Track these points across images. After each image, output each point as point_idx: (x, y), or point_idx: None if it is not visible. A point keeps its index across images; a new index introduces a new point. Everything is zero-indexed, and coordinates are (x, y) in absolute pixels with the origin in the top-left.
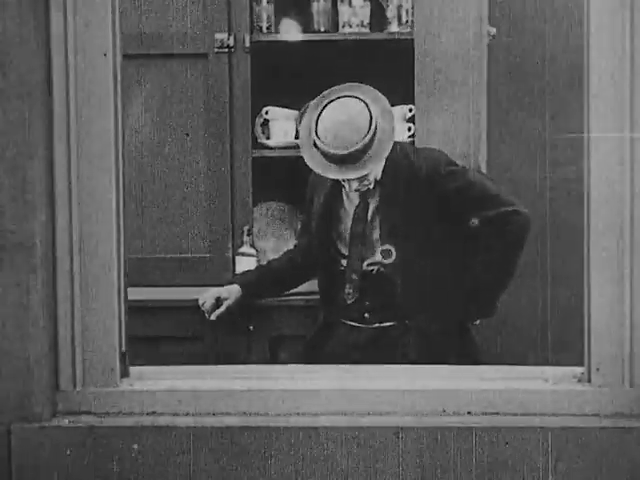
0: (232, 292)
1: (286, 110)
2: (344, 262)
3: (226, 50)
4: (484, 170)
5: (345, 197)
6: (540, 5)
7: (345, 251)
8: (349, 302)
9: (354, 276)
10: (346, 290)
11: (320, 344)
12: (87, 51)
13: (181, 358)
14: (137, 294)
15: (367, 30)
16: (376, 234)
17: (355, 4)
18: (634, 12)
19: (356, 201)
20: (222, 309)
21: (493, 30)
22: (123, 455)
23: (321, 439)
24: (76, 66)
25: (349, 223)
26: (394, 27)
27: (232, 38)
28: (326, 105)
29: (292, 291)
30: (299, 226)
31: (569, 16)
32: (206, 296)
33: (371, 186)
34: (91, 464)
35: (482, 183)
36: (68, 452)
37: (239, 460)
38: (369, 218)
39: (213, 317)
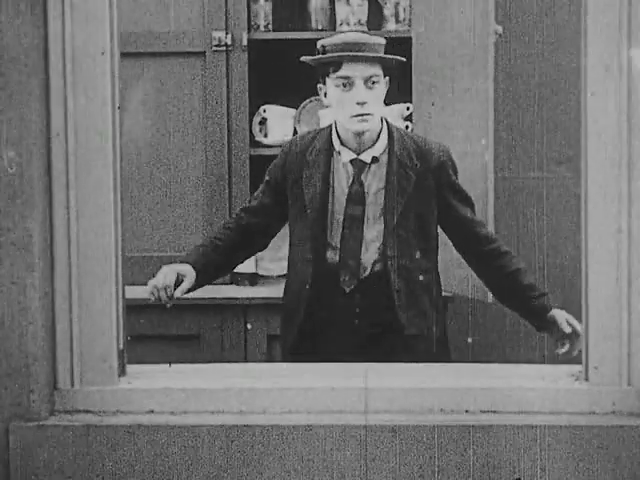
0: (189, 273)
1: (284, 108)
2: (332, 254)
3: (224, 48)
4: (491, 168)
5: (335, 174)
6: (549, 2)
7: (335, 241)
8: (347, 290)
9: (351, 262)
10: (341, 277)
11: (303, 351)
12: (85, 50)
13: (179, 357)
14: (135, 293)
15: (365, 28)
16: (373, 219)
17: (353, 2)
18: (631, 10)
19: (348, 180)
20: (186, 285)
21: (500, 29)
22: (121, 453)
23: (318, 437)
24: (74, 65)
25: (340, 206)
26: (391, 25)
27: (230, 36)
28: None
29: None
30: (254, 197)
31: (578, 14)
32: (166, 271)
33: (369, 127)
34: (89, 462)
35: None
36: (66, 450)
37: (237, 458)
38: (367, 200)
39: (179, 294)
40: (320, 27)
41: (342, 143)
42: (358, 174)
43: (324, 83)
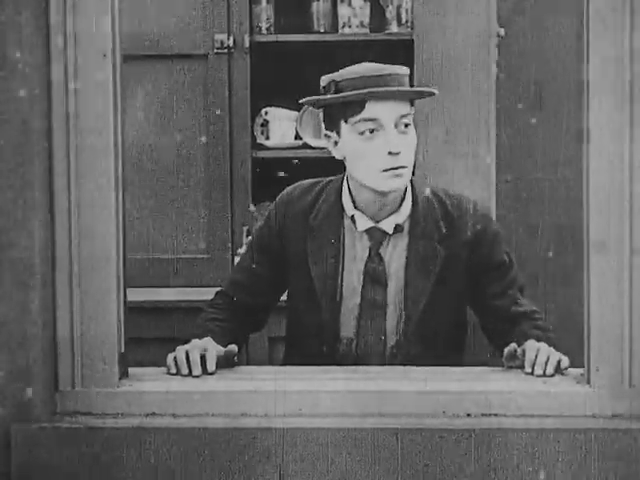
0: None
1: (286, 111)
2: (346, 349)
3: (226, 51)
4: (493, 171)
5: (346, 246)
6: (550, 4)
7: (348, 333)
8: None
9: (373, 360)
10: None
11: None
12: (87, 52)
13: None
14: (136, 295)
15: (367, 31)
16: (394, 305)
17: (355, 5)
18: (634, 11)
19: (363, 254)
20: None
21: (502, 31)
22: (122, 456)
23: (320, 440)
24: (76, 67)
25: (353, 288)
26: (394, 28)
27: (232, 39)
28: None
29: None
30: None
31: (580, 15)
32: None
33: (404, 184)
34: (90, 465)
35: (517, 285)
36: (67, 453)
37: (239, 461)
38: (387, 280)
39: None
40: (322, 29)
41: (356, 206)
42: (376, 247)
43: (337, 130)
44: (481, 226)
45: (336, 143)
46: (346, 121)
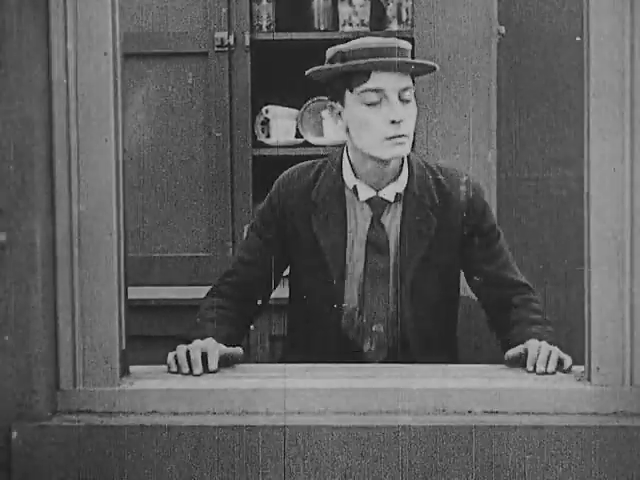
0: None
1: (286, 109)
2: (348, 319)
3: (226, 49)
4: (494, 169)
5: (350, 217)
6: (552, 2)
7: (351, 300)
8: (370, 354)
9: (377, 328)
10: (366, 347)
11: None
12: (87, 50)
13: None
14: (137, 293)
15: (367, 29)
16: (396, 271)
17: (355, 3)
18: (634, 11)
19: (365, 223)
20: (216, 355)
21: (502, 29)
22: (123, 454)
23: (321, 438)
24: (76, 65)
25: (356, 257)
26: (394, 26)
27: (232, 37)
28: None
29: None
30: (244, 246)
31: (581, 14)
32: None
33: (406, 152)
34: (91, 463)
35: (507, 254)
36: (68, 451)
37: (240, 459)
38: (391, 248)
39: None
40: (323, 28)
41: (357, 176)
42: (378, 216)
43: (341, 101)
44: (472, 195)
45: (339, 113)
46: (351, 90)
